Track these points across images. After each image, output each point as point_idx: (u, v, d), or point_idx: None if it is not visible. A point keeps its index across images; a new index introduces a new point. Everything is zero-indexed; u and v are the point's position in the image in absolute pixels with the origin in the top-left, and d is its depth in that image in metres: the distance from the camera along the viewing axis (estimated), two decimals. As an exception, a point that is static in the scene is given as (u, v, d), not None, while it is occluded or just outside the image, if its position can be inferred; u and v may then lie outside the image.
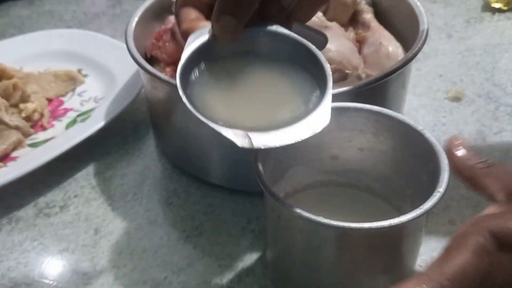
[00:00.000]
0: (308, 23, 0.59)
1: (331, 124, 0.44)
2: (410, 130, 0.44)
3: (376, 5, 0.67)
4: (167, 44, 0.60)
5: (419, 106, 0.69)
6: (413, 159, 0.45)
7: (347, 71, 0.55)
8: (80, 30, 0.89)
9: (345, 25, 0.64)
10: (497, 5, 0.87)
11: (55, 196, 0.59)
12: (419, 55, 0.55)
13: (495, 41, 0.80)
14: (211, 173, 0.57)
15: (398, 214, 0.47)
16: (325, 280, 0.43)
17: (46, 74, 0.73)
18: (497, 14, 0.86)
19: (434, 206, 0.38)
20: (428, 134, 0.43)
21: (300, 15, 0.46)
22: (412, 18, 0.58)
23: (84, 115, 0.67)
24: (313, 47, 0.42)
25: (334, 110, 0.43)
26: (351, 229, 0.37)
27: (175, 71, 0.59)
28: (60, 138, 0.63)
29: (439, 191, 0.39)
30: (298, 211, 0.38)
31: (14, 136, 0.62)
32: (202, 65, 0.43)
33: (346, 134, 0.47)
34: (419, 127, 0.44)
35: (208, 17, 0.42)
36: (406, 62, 0.52)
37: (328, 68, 0.41)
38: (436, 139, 0.64)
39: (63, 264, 0.52)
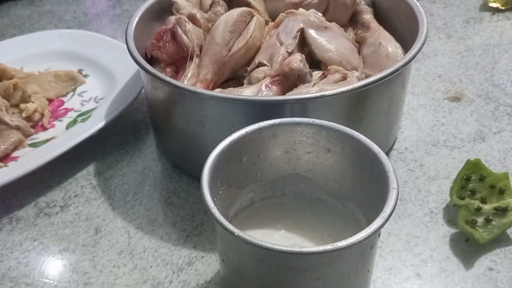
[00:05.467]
0: (308, 23, 0.59)
1: (284, 139, 0.46)
2: (361, 146, 0.43)
3: (375, 6, 0.67)
4: (168, 44, 0.60)
5: (419, 106, 0.69)
6: (364, 174, 0.44)
7: (346, 72, 0.55)
8: (81, 30, 0.89)
9: (344, 26, 0.64)
10: (494, 5, 0.87)
11: (55, 196, 0.59)
12: (419, 55, 0.55)
13: (495, 41, 0.80)
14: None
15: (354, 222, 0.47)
16: None
17: (47, 74, 0.73)
18: (496, 14, 0.86)
19: (377, 231, 0.37)
20: (378, 151, 0.42)
21: None
22: (412, 18, 0.59)
23: (84, 115, 0.67)
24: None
25: (286, 125, 0.44)
26: (293, 253, 0.36)
27: (175, 71, 0.60)
28: (60, 138, 0.63)
29: (383, 216, 0.37)
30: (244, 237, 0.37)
31: (15, 136, 0.63)
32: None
33: (299, 149, 0.47)
34: (369, 143, 0.43)
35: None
36: (405, 63, 0.52)
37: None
38: (435, 139, 0.64)
39: (64, 264, 0.52)
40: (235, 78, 0.60)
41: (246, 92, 0.54)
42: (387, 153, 0.62)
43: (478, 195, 0.53)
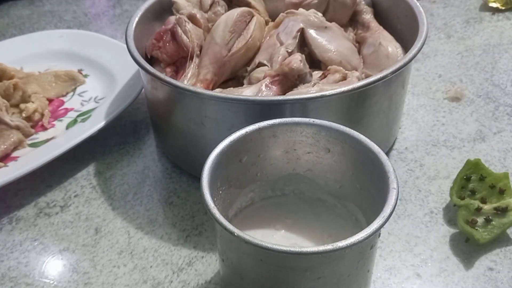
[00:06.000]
0: (308, 23, 0.59)
1: (284, 139, 0.46)
2: (361, 146, 0.43)
3: (375, 6, 0.67)
4: (168, 44, 0.60)
5: (419, 106, 0.69)
6: (364, 174, 0.44)
7: (346, 72, 0.55)
8: (81, 30, 0.89)
9: (344, 26, 0.64)
10: (494, 5, 0.87)
11: (55, 196, 0.59)
12: (419, 55, 0.55)
13: (495, 41, 0.80)
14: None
15: (354, 222, 0.47)
16: None
17: (47, 74, 0.73)
18: (496, 14, 0.86)
19: (377, 231, 0.37)
20: (378, 151, 0.42)
21: None
22: (412, 18, 0.59)
23: (84, 115, 0.67)
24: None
25: (286, 125, 0.44)
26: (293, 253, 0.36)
27: (175, 71, 0.60)
28: (60, 138, 0.63)
29: (383, 216, 0.37)
30: (244, 237, 0.37)
31: (15, 136, 0.63)
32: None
33: (299, 149, 0.47)
34: (369, 143, 0.43)
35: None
36: (405, 63, 0.52)
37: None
38: (435, 139, 0.64)
39: (64, 264, 0.52)
40: (235, 78, 0.60)
41: (246, 92, 0.54)
42: (387, 153, 0.62)
43: (478, 195, 0.53)
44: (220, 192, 0.44)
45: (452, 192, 0.54)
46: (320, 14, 0.61)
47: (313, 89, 0.52)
